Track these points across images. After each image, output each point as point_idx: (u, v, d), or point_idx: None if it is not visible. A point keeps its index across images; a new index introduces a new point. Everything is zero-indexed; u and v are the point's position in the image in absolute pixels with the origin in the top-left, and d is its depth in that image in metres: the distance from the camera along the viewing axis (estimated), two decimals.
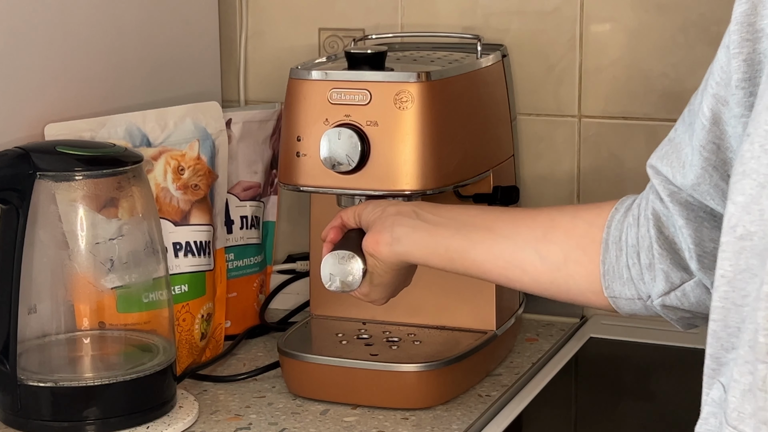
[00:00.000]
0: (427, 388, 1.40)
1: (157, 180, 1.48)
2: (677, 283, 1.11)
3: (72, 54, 1.52)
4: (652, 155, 1.11)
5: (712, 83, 0.99)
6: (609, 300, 1.17)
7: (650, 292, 1.13)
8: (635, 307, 1.16)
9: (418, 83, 1.36)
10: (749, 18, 0.94)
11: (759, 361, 0.84)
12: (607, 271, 1.16)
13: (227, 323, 1.61)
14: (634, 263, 1.14)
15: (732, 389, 0.87)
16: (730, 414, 0.87)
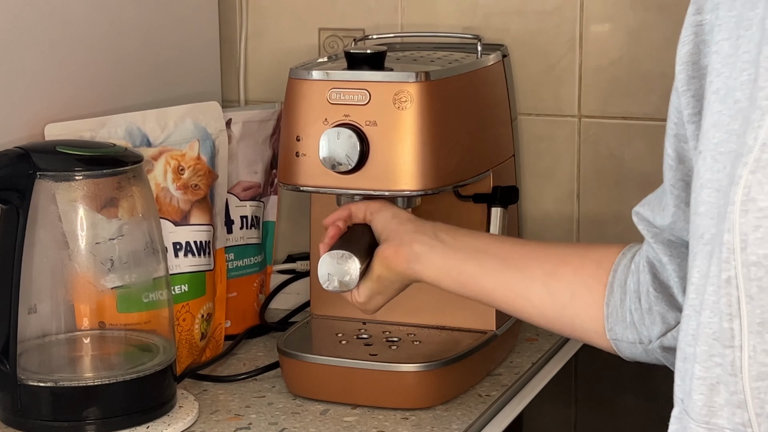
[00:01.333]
0: (427, 388, 1.40)
1: (157, 180, 1.48)
2: (673, 324, 1.14)
3: (72, 54, 1.52)
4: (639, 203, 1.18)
5: (671, 125, 1.05)
6: (611, 342, 1.20)
7: (650, 336, 1.17)
8: (636, 351, 1.19)
9: (417, 83, 1.36)
10: (693, 57, 1.01)
11: (726, 347, 0.87)
12: (611, 313, 1.19)
13: (227, 323, 1.61)
14: (636, 308, 1.17)
15: (696, 389, 0.90)
16: (699, 412, 0.90)
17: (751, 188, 0.88)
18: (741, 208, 0.88)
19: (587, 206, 1.67)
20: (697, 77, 1.01)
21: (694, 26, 1.02)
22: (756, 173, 0.88)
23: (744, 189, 0.88)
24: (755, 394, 0.86)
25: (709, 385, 0.89)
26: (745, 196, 0.88)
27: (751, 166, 0.88)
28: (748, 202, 0.88)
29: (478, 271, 1.27)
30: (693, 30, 1.02)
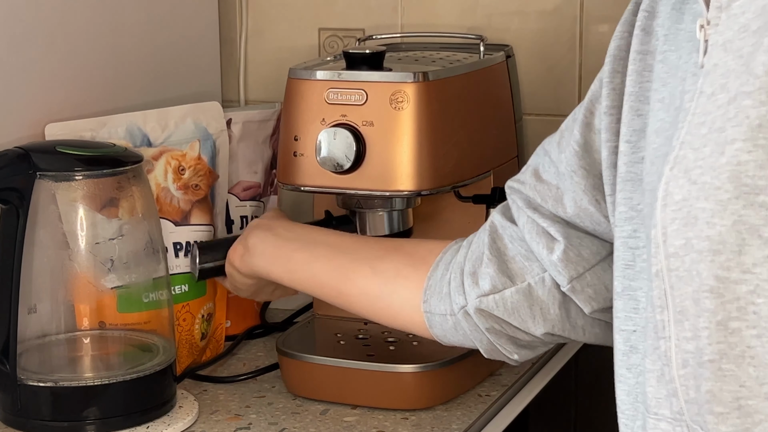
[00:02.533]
0: (426, 388, 1.40)
1: (158, 180, 1.48)
2: (499, 288, 1.18)
3: (72, 54, 1.52)
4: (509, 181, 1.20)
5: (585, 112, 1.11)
6: (424, 316, 1.24)
7: (466, 300, 1.20)
8: (446, 325, 1.23)
9: (414, 83, 1.36)
10: (621, 53, 1.07)
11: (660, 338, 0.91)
12: (430, 286, 1.24)
13: (227, 323, 1.61)
14: (456, 277, 1.22)
15: (648, 381, 0.93)
16: (650, 403, 0.93)
17: (669, 183, 0.91)
18: (661, 203, 0.91)
19: None
20: (621, 72, 1.06)
21: (629, 25, 1.07)
22: (673, 169, 0.91)
23: (664, 185, 0.92)
24: (682, 382, 0.89)
25: (657, 377, 0.92)
26: (665, 191, 0.92)
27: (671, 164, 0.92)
28: (667, 197, 0.91)
29: (307, 257, 1.32)
30: (627, 28, 1.08)
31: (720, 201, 0.85)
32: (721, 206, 0.85)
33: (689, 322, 0.88)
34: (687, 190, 0.90)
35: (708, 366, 0.87)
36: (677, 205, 0.90)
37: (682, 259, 0.88)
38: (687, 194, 0.89)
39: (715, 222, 0.86)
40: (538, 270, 1.16)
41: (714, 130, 0.88)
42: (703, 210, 0.86)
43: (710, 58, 0.91)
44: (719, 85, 0.89)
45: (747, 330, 0.85)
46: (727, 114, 0.87)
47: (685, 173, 0.90)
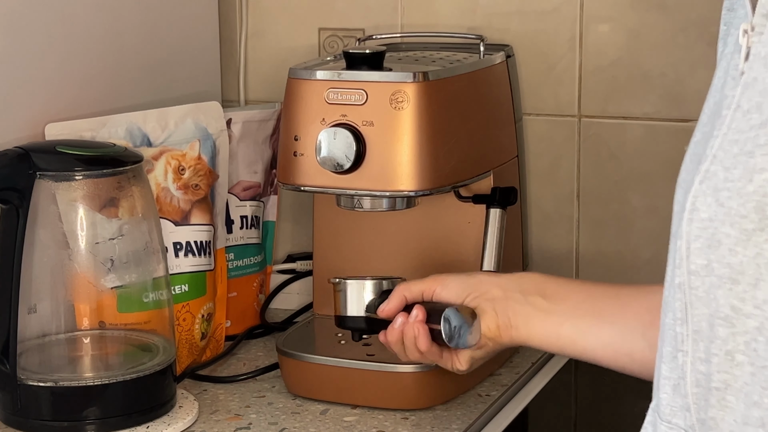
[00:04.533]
0: (425, 388, 1.40)
1: (158, 180, 1.48)
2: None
3: (72, 54, 1.52)
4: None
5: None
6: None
7: None
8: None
9: (414, 83, 1.36)
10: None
11: (678, 350, 0.89)
12: None
13: (227, 323, 1.61)
14: None
15: (662, 387, 0.91)
16: (663, 410, 0.91)
17: (698, 198, 0.90)
18: (688, 216, 0.89)
19: (587, 206, 1.67)
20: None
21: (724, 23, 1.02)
22: (703, 184, 0.89)
23: (692, 197, 0.90)
24: (694, 400, 0.88)
25: (673, 386, 0.90)
26: (692, 205, 0.90)
27: (701, 176, 0.90)
28: (694, 212, 0.89)
29: (575, 335, 1.25)
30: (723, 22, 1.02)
31: (745, 230, 0.84)
32: (745, 236, 0.84)
33: (704, 344, 0.86)
34: (714, 211, 0.87)
35: (714, 393, 0.86)
36: (703, 223, 0.88)
37: (703, 279, 0.86)
38: (713, 215, 0.87)
39: (737, 250, 0.84)
40: None
41: (744, 153, 0.85)
42: (728, 236, 0.85)
43: (751, 69, 0.87)
44: (755, 104, 0.86)
45: (747, 366, 0.84)
46: (757, 139, 0.85)
47: (714, 192, 0.88)
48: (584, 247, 1.68)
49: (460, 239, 1.50)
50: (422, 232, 1.52)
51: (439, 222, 1.51)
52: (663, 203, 1.62)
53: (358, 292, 1.34)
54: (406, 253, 1.53)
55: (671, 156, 1.61)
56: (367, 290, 1.33)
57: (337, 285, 1.35)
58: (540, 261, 1.70)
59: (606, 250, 1.66)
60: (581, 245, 1.68)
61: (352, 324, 1.35)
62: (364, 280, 1.34)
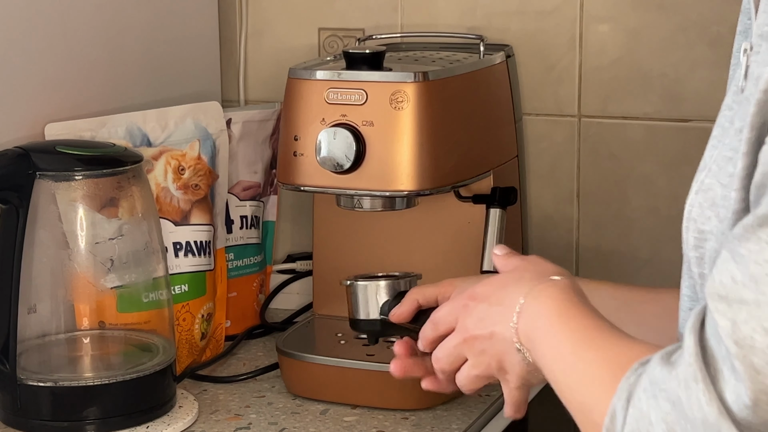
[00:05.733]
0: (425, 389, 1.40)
1: (158, 180, 1.48)
2: None
3: (72, 54, 1.52)
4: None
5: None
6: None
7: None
8: None
9: (414, 83, 1.36)
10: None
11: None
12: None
13: (227, 323, 1.61)
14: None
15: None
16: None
17: (693, 208, 0.90)
18: (684, 224, 0.90)
19: (587, 206, 1.67)
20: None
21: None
22: (699, 194, 0.90)
23: (688, 206, 0.90)
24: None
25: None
26: (688, 213, 0.90)
27: (698, 185, 0.90)
28: (690, 221, 0.90)
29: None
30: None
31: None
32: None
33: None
34: (715, 225, 0.88)
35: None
36: (700, 233, 0.89)
37: (701, 286, 0.87)
38: (713, 229, 0.88)
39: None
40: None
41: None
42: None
43: (748, 88, 0.88)
44: (747, 123, 0.86)
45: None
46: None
47: (712, 207, 0.88)
48: (584, 247, 1.68)
49: (460, 239, 1.50)
50: (422, 232, 1.52)
51: (439, 222, 1.51)
52: (663, 203, 1.62)
53: (372, 293, 1.29)
54: (406, 253, 1.53)
55: (671, 156, 1.61)
56: (381, 292, 1.29)
57: (349, 287, 1.30)
58: None
59: (606, 250, 1.66)
60: (581, 245, 1.68)
61: (366, 327, 1.30)
62: (378, 281, 1.29)
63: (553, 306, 1.04)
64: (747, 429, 0.80)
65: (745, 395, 0.79)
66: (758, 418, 0.79)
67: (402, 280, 1.29)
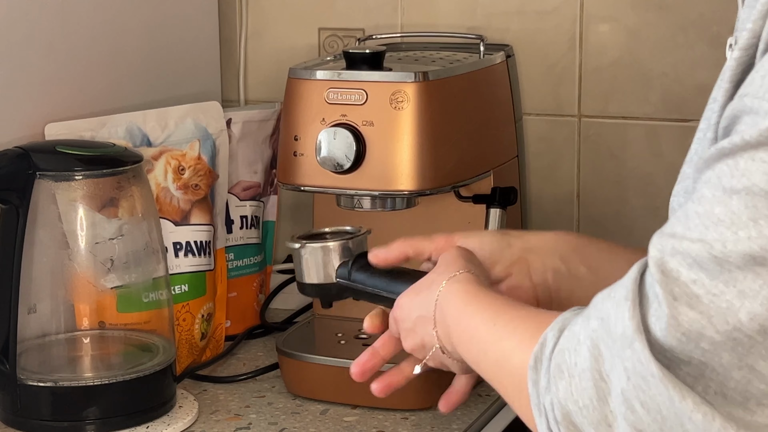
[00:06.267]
0: (425, 388, 1.40)
1: (158, 180, 1.48)
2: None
3: (72, 54, 1.52)
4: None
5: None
6: None
7: None
8: None
9: (414, 83, 1.36)
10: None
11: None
12: None
13: (227, 323, 1.61)
14: None
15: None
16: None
17: (674, 198, 0.93)
18: (669, 214, 0.92)
19: (587, 206, 1.67)
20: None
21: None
22: (679, 185, 0.92)
23: (672, 198, 0.93)
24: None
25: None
26: (671, 204, 0.93)
27: (680, 176, 0.93)
28: (672, 210, 0.92)
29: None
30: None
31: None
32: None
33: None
34: None
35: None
36: None
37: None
38: None
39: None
40: None
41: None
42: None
43: (724, 79, 0.89)
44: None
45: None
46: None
47: (686, 194, 0.90)
48: None
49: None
50: (422, 232, 1.51)
51: (439, 222, 1.51)
52: (663, 203, 1.61)
53: (324, 256, 1.25)
54: None
55: (671, 156, 1.61)
56: (333, 254, 1.25)
57: (298, 249, 1.25)
58: None
59: None
60: None
61: (319, 292, 1.27)
62: (327, 242, 1.24)
63: (457, 299, 1.08)
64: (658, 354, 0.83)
65: (661, 319, 0.82)
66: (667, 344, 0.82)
67: (354, 240, 1.26)
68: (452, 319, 1.09)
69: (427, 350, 1.13)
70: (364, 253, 1.25)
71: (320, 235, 1.28)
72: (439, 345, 1.11)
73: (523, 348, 0.95)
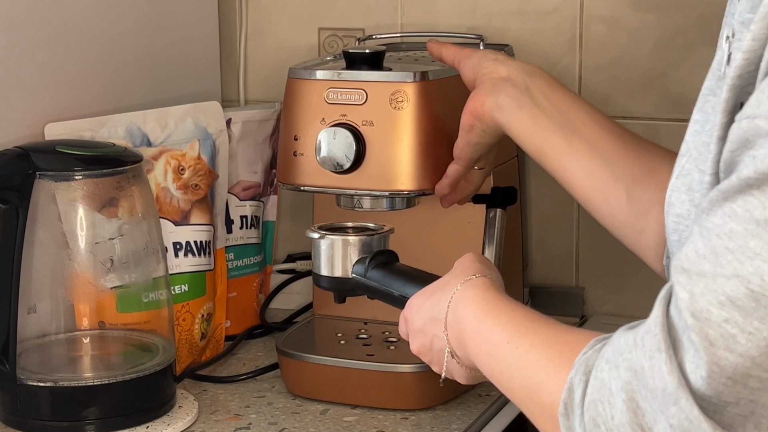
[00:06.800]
0: (425, 388, 1.40)
1: (158, 180, 1.48)
2: None
3: (72, 54, 1.52)
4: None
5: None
6: (665, 269, 1.13)
7: None
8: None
9: (414, 83, 1.36)
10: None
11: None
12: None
13: (227, 323, 1.61)
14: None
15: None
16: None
17: (673, 193, 0.91)
18: (666, 209, 0.91)
19: None
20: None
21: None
22: (678, 179, 0.90)
23: (669, 191, 0.91)
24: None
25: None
26: (668, 198, 0.91)
27: (678, 170, 0.91)
28: (669, 205, 0.91)
29: (563, 148, 1.21)
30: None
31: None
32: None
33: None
34: (687, 209, 0.88)
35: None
36: (678, 218, 0.90)
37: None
38: (687, 213, 0.89)
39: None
40: None
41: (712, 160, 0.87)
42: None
43: (730, 76, 0.87)
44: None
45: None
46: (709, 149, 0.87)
47: (688, 192, 0.89)
48: (584, 247, 1.68)
49: (460, 239, 1.49)
50: (422, 232, 1.51)
51: (439, 222, 1.51)
52: None
53: (344, 249, 1.26)
54: (405, 253, 1.53)
55: None
56: (353, 249, 1.26)
57: (318, 240, 1.26)
58: (540, 261, 1.70)
59: (606, 250, 1.65)
60: (581, 245, 1.68)
61: (335, 285, 1.28)
62: (347, 236, 1.25)
63: (475, 306, 1.07)
64: (702, 401, 0.80)
65: (701, 367, 0.80)
66: (712, 390, 0.80)
67: (375, 237, 1.26)
68: (470, 327, 1.07)
69: (435, 353, 1.13)
70: (384, 251, 1.25)
71: (342, 229, 1.28)
72: (449, 349, 1.10)
73: (549, 384, 0.93)
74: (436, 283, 1.15)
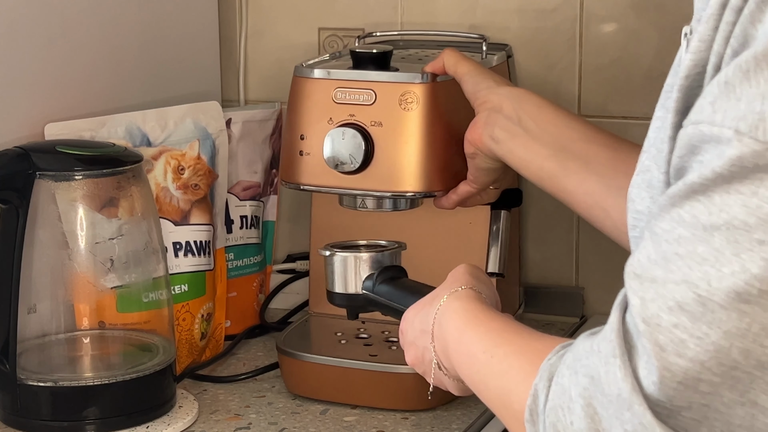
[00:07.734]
0: (425, 389, 1.39)
1: (158, 180, 1.48)
2: None
3: (72, 54, 1.52)
4: None
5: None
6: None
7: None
8: None
9: (423, 84, 1.36)
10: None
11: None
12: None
13: (227, 323, 1.61)
14: None
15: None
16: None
17: (633, 188, 0.91)
18: (627, 204, 0.91)
19: None
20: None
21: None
22: (639, 176, 0.91)
23: (630, 187, 0.91)
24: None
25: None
26: (629, 194, 0.91)
27: (639, 167, 0.91)
28: (630, 201, 0.91)
29: (558, 171, 1.25)
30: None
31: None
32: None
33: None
34: (647, 206, 0.89)
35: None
36: (637, 214, 0.90)
37: None
38: (646, 210, 0.89)
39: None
40: None
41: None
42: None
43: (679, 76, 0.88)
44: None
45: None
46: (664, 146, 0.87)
47: (648, 188, 0.89)
48: (584, 247, 1.68)
49: (462, 240, 1.49)
50: (423, 233, 1.51)
51: (440, 222, 1.51)
52: None
53: (355, 266, 1.28)
54: (408, 253, 1.52)
55: None
56: (363, 265, 1.28)
57: (329, 257, 1.28)
58: (540, 261, 1.70)
59: (606, 250, 1.65)
60: (581, 245, 1.68)
61: (346, 302, 1.29)
62: (359, 253, 1.28)
63: (457, 317, 1.09)
64: (655, 406, 0.81)
65: (653, 372, 0.80)
66: (664, 395, 0.80)
67: (386, 253, 1.28)
68: (452, 339, 1.09)
69: (426, 364, 1.15)
70: (393, 266, 1.27)
71: (355, 247, 1.30)
72: (436, 360, 1.12)
73: (520, 391, 0.94)
74: (428, 296, 1.17)
